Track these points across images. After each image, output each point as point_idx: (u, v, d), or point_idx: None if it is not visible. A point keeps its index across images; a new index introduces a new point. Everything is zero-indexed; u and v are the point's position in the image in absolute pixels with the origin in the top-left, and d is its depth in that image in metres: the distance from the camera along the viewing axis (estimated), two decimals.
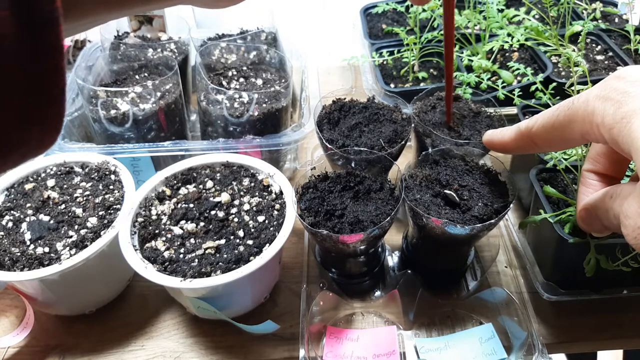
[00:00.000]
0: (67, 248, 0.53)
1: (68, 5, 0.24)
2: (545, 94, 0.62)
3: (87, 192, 0.60)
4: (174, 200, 0.59)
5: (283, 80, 0.77)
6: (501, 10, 0.82)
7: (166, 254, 0.53)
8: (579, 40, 0.84)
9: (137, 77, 0.78)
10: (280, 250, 0.52)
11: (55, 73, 0.21)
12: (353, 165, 0.56)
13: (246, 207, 0.58)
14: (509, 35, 0.79)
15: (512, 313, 0.56)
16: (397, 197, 0.52)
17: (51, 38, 0.20)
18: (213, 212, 0.57)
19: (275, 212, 0.58)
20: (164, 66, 0.78)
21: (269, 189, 0.61)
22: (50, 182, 0.61)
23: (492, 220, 0.48)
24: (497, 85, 0.71)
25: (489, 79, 0.73)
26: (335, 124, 0.60)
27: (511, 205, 0.50)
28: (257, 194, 0.60)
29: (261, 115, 0.70)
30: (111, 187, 0.61)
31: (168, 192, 0.60)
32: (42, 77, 0.20)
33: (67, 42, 1.03)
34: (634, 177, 0.40)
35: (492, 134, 0.48)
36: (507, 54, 0.88)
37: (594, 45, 0.88)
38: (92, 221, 0.56)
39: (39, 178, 0.62)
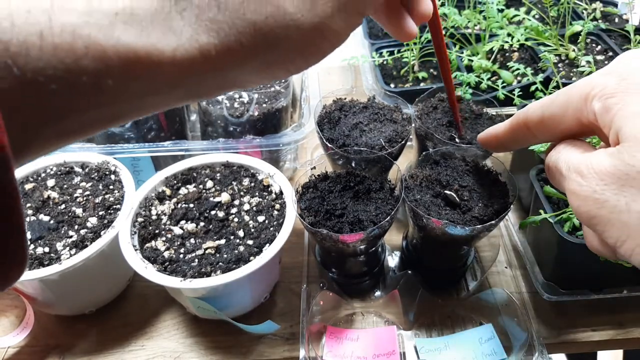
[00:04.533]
0: (67, 248, 0.53)
1: (22, 144, 0.23)
2: (545, 94, 0.62)
3: (87, 192, 0.60)
4: (174, 200, 0.59)
5: (283, 80, 0.77)
6: (501, 10, 0.82)
7: (166, 254, 0.53)
8: (579, 40, 0.84)
9: None
10: (280, 250, 0.52)
11: (11, 217, 0.20)
12: (353, 165, 0.56)
13: (246, 207, 0.58)
14: (509, 35, 0.79)
15: (512, 313, 0.56)
16: (397, 196, 0.52)
17: (3, 181, 0.19)
18: (213, 212, 0.57)
19: (275, 212, 0.58)
20: None
21: (269, 189, 0.61)
22: (50, 182, 0.61)
23: (493, 222, 0.48)
24: (497, 85, 0.71)
25: (489, 79, 0.73)
26: (335, 124, 0.60)
27: (511, 206, 0.50)
28: (257, 194, 0.60)
29: (261, 115, 0.70)
30: (111, 187, 0.61)
31: (168, 192, 0.60)
32: None
33: None
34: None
35: (487, 130, 0.46)
36: (507, 54, 0.88)
37: (594, 45, 0.88)
38: (92, 221, 0.56)
39: (39, 178, 0.62)
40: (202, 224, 0.57)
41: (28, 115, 0.22)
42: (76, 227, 0.56)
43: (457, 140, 0.58)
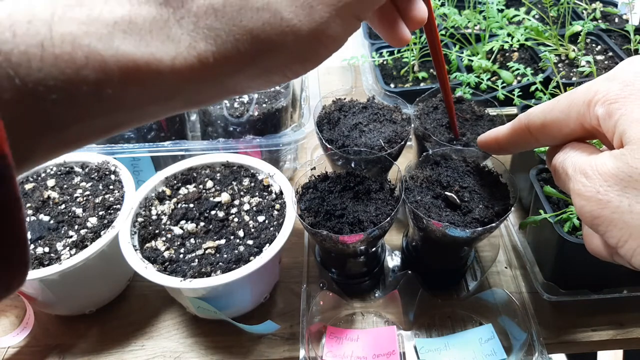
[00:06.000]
0: (67, 248, 0.53)
1: (23, 154, 0.23)
2: (545, 94, 0.62)
3: (87, 192, 0.60)
4: (174, 200, 0.59)
5: None
6: (501, 10, 0.82)
7: (166, 254, 0.53)
8: (579, 40, 0.84)
9: None
10: (280, 250, 0.52)
11: (13, 226, 0.20)
12: (353, 165, 0.56)
13: (246, 207, 0.58)
14: (509, 35, 0.78)
15: (512, 313, 0.56)
16: (397, 197, 0.52)
17: (5, 193, 0.19)
18: (213, 212, 0.57)
19: (275, 212, 0.58)
20: None
21: (269, 189, 0.61)
22: (50, 182, 0.61)
23: (494, 224, 0.48)
24: (497, 86, 0.71)
25: (488, 79, 0.73)
26: (335, 124, 0.60)
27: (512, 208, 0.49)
28: (257, 194, 0.60)
29: (261, 115, 0.70)
30: (111, 187, 0.61)
31: (168, 192, 0.60)
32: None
33: None
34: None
35: (487, 133, 0.46)
36: (507, 54, 0.88)
37: (594, 45, 0.88)
38: (92, 221, 0.56)
39: (39, 178, 0.62)
40: (202, 224, 0.57)
41: (29, 125, 0.23)
42: (76, 227, 0.56)
43: (454, 142, 0.58)
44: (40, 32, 0.22)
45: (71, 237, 0.54)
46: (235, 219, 0.57)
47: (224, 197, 0.59)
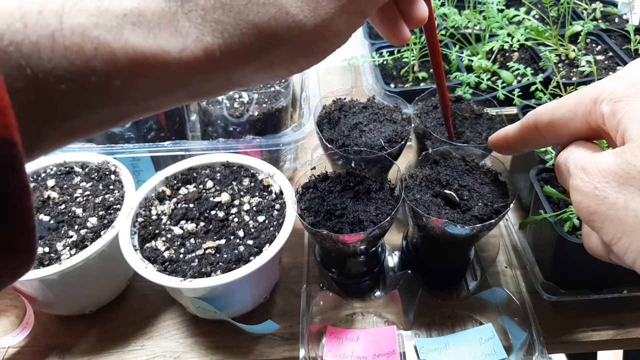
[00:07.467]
0: (67, 248, 0.53)
1: (32, 143, 0.23)
2: (545, 94, 0.62)
3: (87, 192, 0.60)
4: (174, 200, 0.59)
5: (283, 80, 0.77)
6: (501, 10, 0.82)
7: (166, 254, 0.53)
8: (579, 40, 0.84)
9: None
10: (280, 250, 0.52)
11: (21, 214, 0.20)
12: (353, 165, 0.56)
13: (246, 207, 0.58)
14: (509, 35, 0.79)
15: (512, 313, 0.56)
16: (397, 197, 0.52)
17: (15, 180, 0.20)
18: (213, 212, 0.57)
19: (275, 212, 0.58)
20: None
21: (269, 189, 0.61)
22: (50, 182, 0.61)
23: (492, 220, 0.48)
24: (497, 86, 0.71)
25: (488, 79, 0.73)
26: (335, 124, 0.60)
27: (511, 206, 0.50)
28: (257, 194, 0.60)
29: (261, 115, 0.70)
30: (111, 187, 0.61)
31: (168, 192, 0.60)
32: (8, 220, 0.20)
33: None
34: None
35: (497, 132, 0.46)
36: (507, 54, 0.88)
37: (594, 45, 0.88)
38: (92, 221, 0.56)
39: (39, 178, 0.62)
40: (202, 224, 0.57)
41: (38, 114, 0.23)
42: (76, 227, 0.56)
43: (451, 141, 0.58)
44: (51, 23, 0.22)
45: (71, 237, 0.55)
46: (235, 219, 0.57)
47: (224, 197, 0.59)
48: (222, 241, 0.55)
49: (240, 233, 0.55)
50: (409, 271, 0.57)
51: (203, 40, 0.27)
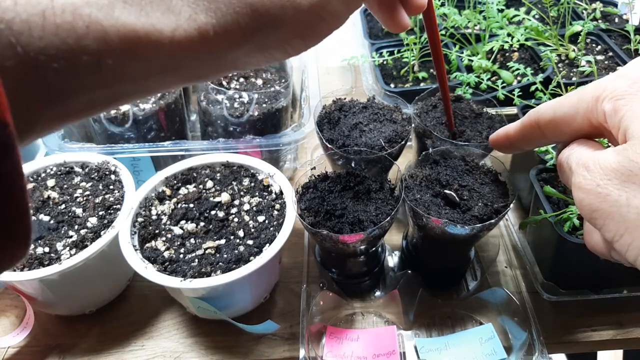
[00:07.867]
0: (67, 248, 0.53)
1: (25, 124, 0.23)
2: (545, 94, 0.62)
3: (87, 192, 0.60)
4: (174, 200, 0.59)
5: (283, 80, 0.77)
6: (501, 10, 0.82)
7: (166, 254, 0.53)
8: (579, 40, 0.84)
9: None
10: (280, 250, 0.52)
11: (14, 197, 0.20)
12: (353, 165, 0.56)
13: (246, 207, 0.58)
14: (509, 35, 0.79)
15: (512, 313, 0.56)
16: (397, 197, 0.52)
17: (7, 163, 0.19)
18: (213, 212, 0.57)
19: (275, 212, 0.58)
20: None
21: (269, 189, 0.61)
22: (50, 182, 0.61)
23: (492, 220, 0.48)
24: (497, 86, 0.71)
25: (488, 79, 0.73)
26: (335, 124, 0.60)
27: (511, 206, 0.50)
28: (257, 194, 0.60)
29: (261, 115, 0.70)
30: (111, 187, 0.61)
31: (168, 192, 0.60)
32: (0, 202, 0.20)
33: None
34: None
35: (498, 131, 0.46)
36: (507, 54, 0.88)
37: (594, 45, 0.88)
38: (92, 221, 0.56)
39: (39, 178, 0.62)
40: (202, 224, 0.57)
41: (31, 94, 0.23)
42: (76, 227, 0.56)
43: (452, 137, 0.58)
44: (42, 2, 0.22)
45: (71, 237, 0.55)
46: (235, 219, 0.57)
47: (224, 197, 0.59)
48: (222, 241, 0.55)
49: (240, 233, 0.55)
50: (409, 271, 0.57)
51: (196, 19, 0.26)
